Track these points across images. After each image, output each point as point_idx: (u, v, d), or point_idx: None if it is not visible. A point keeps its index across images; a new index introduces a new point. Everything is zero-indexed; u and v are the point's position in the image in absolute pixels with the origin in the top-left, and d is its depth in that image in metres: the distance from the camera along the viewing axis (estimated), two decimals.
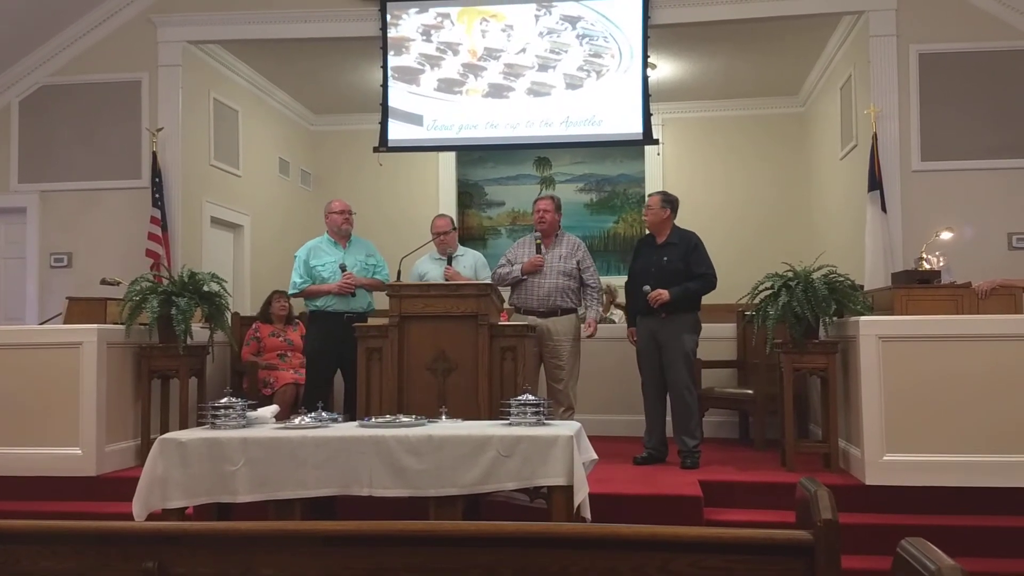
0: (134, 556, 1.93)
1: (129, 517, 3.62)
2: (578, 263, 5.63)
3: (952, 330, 4.63)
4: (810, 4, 6.71)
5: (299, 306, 6.81)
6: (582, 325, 5.66)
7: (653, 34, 6.88)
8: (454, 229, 6.14)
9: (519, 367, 4.83)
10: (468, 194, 10.11)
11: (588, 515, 3.65)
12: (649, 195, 5.74)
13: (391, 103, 7.17)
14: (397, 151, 7.46)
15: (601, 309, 5.82)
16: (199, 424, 4.32)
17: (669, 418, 5.43)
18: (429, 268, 5.97)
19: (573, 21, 7.01)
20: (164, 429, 5.37)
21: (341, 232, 5.90)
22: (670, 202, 5.51)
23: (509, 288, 5.68)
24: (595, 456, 3.97)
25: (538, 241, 5.67)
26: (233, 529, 1.98)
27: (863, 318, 4.77)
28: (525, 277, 5.60)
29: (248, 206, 8.39)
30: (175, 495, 3.69)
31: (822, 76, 8.39)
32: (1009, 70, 6.48)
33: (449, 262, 5.88)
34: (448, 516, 3.60)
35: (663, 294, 5.20)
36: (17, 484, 5.02)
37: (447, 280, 5.63)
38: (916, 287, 5.05)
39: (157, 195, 6.93)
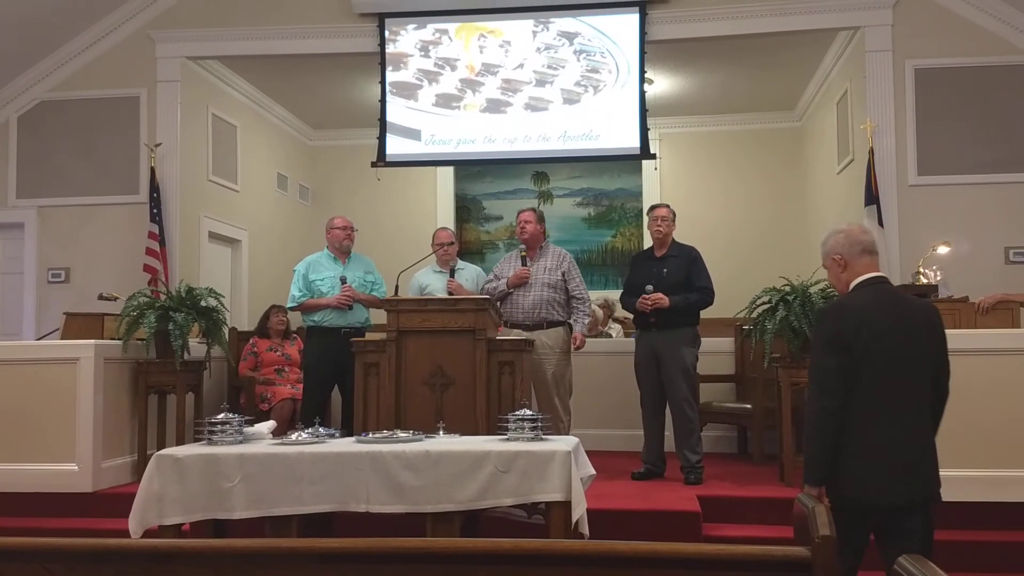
0: (130, 574, 1.92)
1: (125, 534, 3.60)
2: (563, 274, 5.58)
3: (949, 344, 4.60)
4: (806, 20, 6.74)
5: (297, 321, 6.81)
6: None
7: (650, 50, 6.91)
8: (455, 242, 6.14)
9: (517, 382, 4.82)
10: (466, 208, 10.13)
11: (586, 531, 3.63)
12: (657, 207, 5.59)
13: (389, 118, 7.20)
14: (395, 166, 7.48)
15: (588, 322, 5.77)
16: (196, 440, 4.31)
17: (667, 433, 5.42)
18: (431, 280, 5.93)
19: (570, 37, 7.04)
20: (161, 445, 5.35)
21: (342, 248, 5.91)
22: (675, 214, 5.53)
23: (498, 302, 5.66)
24: (593, 471, 3.95)
25: (523, 254, 5.65)
26: (230, 546, 1.97)
27: None
28: (511, 291, 5.58)
29: (246, 221, 8.40)
30: (171, 512, 3.67)
31: (818, 91, 8.43)
32: (1005, 85, 6.52)
33: (451, 275, 5.85)
34: (445, 532, 3.59)
35: (663, 299, 5.20)
36: (12, 500, 4.99)
37: (451, 293, 5.60)
38: None
39: (155, 210, 6.93)
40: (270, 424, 4.35)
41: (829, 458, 2.72)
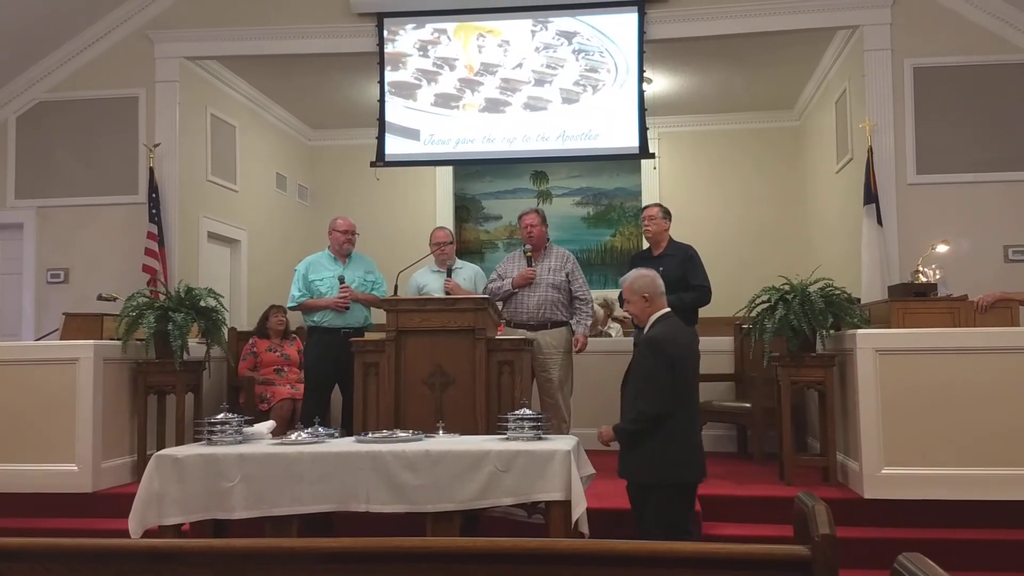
0: (130, 574, 1.92)
1: (125, 534, 3.60)
2: (567, 275, 5.60)
3: (949, 343, 4.63)
4: (805, 19, 6.74)
5: (296, 320, 6.81)
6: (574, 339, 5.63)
7: (649, 49, 6.91)
8: (452, 242, 6.14)
9: (516, 381, 4.82)
10: (465, 208, 10.13)
11: (586, 530, 3.64)
12: (646, 207, 5.69)
13: (388, 118, 7.19)
14: (394, 166, 7.47)
15: (590, 323, 5.77)
16: (195, 440, 4.32)
17: None
18: (428, 280, 5.95)
19: (569, 36, 7.04)
20: (160, 445, 5.35)
21: (342, 252, 5.91)
22: (668, 213, 5.53)
23: (501, 302, 5.67)
24: (593, 471, 3.96)
25: (528, 254, 5.66)
26: (230, 546, 1.97)
27: (860, 331, 4.77)
28: (516, 291, 5.59)
29: (245, 221, 8.40)
30: (171, 512, 3.68)
31: (817, 90, 8.43)
32: (1003, 83, 6.51)
33: (449, 274, 5.86)
34: (445, 532, 3.59)
35: None
36: (12, 501, 4.99)
37: (448, 292, 5.61)
38: (913, 300, 5.05)
39: (154, 210, 6.93)
40: (269, 424, 4.36)
41: (639, 438, 3.68)
